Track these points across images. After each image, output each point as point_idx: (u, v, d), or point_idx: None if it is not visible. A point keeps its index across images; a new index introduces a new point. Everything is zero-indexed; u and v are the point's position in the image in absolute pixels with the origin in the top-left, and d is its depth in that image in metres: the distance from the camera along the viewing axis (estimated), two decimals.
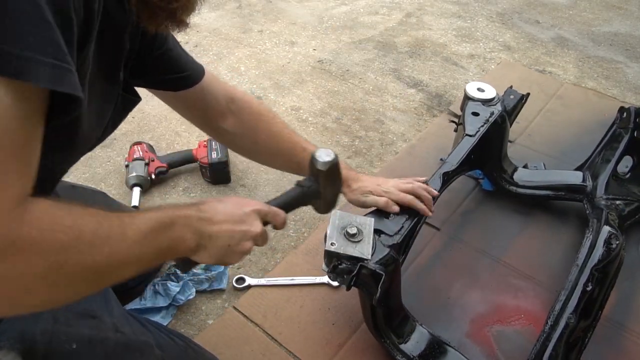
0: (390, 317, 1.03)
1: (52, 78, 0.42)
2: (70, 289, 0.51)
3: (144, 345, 0.83)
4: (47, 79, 0.42)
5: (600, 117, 1.89)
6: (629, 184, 1.41)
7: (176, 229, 0.62)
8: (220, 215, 0.69)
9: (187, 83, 0.95)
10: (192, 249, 0.66)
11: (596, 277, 1.08)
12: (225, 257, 0.71)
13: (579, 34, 2.62)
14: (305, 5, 2.79)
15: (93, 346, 0.76)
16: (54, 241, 0.46)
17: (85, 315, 0.79)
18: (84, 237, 0.49)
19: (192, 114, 1.05)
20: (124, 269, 0.56)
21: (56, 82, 0.43)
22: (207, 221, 0.67)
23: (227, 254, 0.70)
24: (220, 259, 0.71)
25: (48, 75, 0.42)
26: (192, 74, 0.96)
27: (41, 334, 0.72)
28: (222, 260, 0.71)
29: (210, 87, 0.99)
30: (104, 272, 0.53)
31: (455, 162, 1.28)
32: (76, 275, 0.49)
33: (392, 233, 1.01)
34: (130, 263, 0.56)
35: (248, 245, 0.73)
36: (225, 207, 0.71)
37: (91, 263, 0.50)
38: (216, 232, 0.68)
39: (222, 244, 0.69)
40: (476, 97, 1.43)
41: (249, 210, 0.74)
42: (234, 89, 1.06)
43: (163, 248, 0.60)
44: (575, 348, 1.01)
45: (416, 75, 2.21)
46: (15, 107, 0.41)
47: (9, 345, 0.67)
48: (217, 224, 0.68)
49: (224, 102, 1.02)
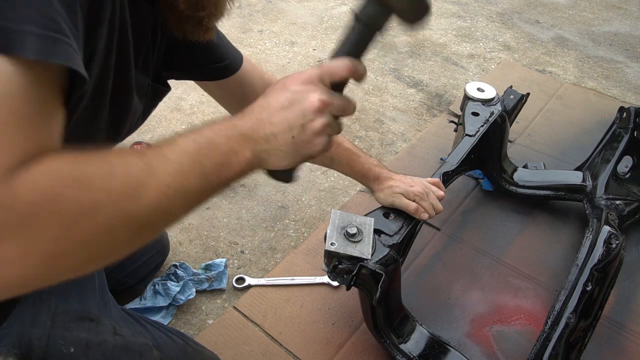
0: (390, 317, 1.03)
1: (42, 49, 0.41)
2: (105, 244, 0.43)
3: (142, 347, 0.83)
4: (36, 50, 0.40)
5: (600, 117, 1.89)
6: (629, 183, 1.41)
7: (218, 144, 0.51)
8: (266, 110, 0.55)
9: (226, 72, 0.92)
10: (251, 161, 0.54)
11: (596, 277, 1.08)
12: (300, 150, 0.56)
13: (579, 34, 2.62)
14: (305, 5, 2.79)
15: (91, 350, 0.75)
16: (60, 199, 0.40)
17: (83, 318, 0.78)
18: (95, 186, 0.42)
19: (230, 103, 1.01)
20: (167, 209, 0.47)
21: (47, 52, 0.41)
22: (254, 124, 0.55)
23: (298, 146, 0.56)
24: (298, 155, 0.57)
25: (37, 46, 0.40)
26: (231, 63, 0.92)
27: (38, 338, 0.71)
28: (302, 155, 0.57)
29: (248, 78, 0.96)
30: (142, 221, 0.45)
31: (455, 162, 1.28)
32: (105, 231, 0.42)
33: (392, 233, 1.02)
34: (174, 200, 0.47)
35: (318, 124, 0.56)
36: (269, 99, 0.56)
37: (118, 215, 0.43)
38: (269, 129, 0.55)
39: (285, 139, 0.55)
40: (476, 97, 1.43)
41: (297, 85, 0.56)
42: (270, 75, 1.02)
43: (210, 169, 0.50)
44: (575, 348, 1.01)
45: (416, 75, 2.21)
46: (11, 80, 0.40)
47: (6, 350, 0.67)
48: (267, 121, 0.55)
49: (261, 90, 1.00)
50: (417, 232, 1.09)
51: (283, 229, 1.45)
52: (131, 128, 0.78)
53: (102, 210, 0.42)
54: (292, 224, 1.47)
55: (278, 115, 0.55)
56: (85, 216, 0.41)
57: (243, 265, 1.34)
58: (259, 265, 1.34)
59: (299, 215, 1.49)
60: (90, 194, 0.41)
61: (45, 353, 0.71)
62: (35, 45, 0.40)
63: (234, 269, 1.32)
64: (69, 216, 0.40)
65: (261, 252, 1.38)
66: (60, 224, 0.40)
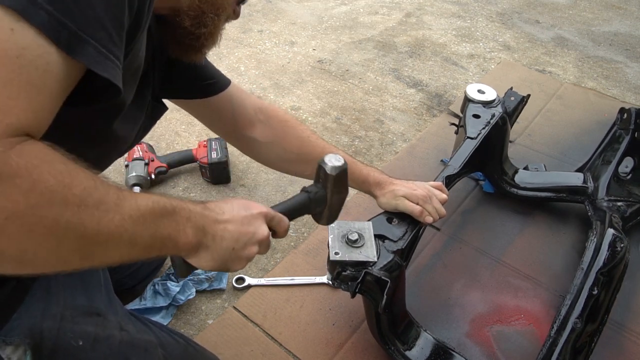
0: (394, 323, 1.02)
1: (95, 60, 0.47)
2: (48, 246, 0.44)
3: (147, 343, 0.84)
4: (90, 60, 0.47)
5: (600, 117, 1.89)
6: (630, 185, 1.41)
7: (178, 219, 0.57)
8: (226, 215, 0.64)
9: (215, 89, 0.96)
10: (193, 246, 0.60)
11: (602, 281, 1.07)
12: (228, 261, 0.65)
13: (578, 33, 2.63)
14: (305, 5, 2.79)
15: (98, 343, 0.77)
16: (40, 181, 0.42)
17: (90, 313, 0.79)
18: (73, 189, 0.44)
19: (220, 122, 1.04)
20: (114, 247, 0.50)
21: (97, 65, 0.48)
22: (212, 219, 0.62)
23: (231, 257, 0.65)
24: (224, 264, 0.65)
25: (92, 56, 0.47)
26: (219, 81, 0.97)
27: (48, 330, 0.72)
28: (225, 265, 0.65)
29: (237, 96, 1.00)
30: (91, 241, 0.47)
31: (457, 165, 1.27)
32: (58, 230, 0.44)
33: (396, 238, 1.00)
34: (122, 241, 0.50)
35: (254, 250, 0.68)
36: (232, 207, 0.66)
37: (77, 223, 0.45)
38: (221, 231, 0.62)
39: (227, 246, 0.63)
40: (477, 99, 1.43)
41: (256, 213, 0.68)
42: (260, 99, 1.07)
43: (160, 236, 0.55)
44: (582, 353, 1.01)
45: (416, 75, 2.21)
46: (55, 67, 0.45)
47: (18, 340, 0.69)
48: (223, 224, 0.63)
49: (252, 111, 1.03)
50: (420, 236, 1.08)
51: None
52: (133, 143, 0.82)
53: (66, 211, 0.44)
54: (292, 224, 1.46)
55: (233, 225, 0.64)
56: (50, 208, 0.42)
57: None
58: (259, 265, 1.34)
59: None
60: (65, 193, 0.43)
61: (55, 345, 0.72)
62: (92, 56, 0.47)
63: None
64: (37, 199, 0.41)
65: None
66: (26, 201, 0.41)
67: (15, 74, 0.42)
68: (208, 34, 0.73)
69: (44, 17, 0.43)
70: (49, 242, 0.44)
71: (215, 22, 0.73)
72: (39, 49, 0.43)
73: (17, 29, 0.42)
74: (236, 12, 0.80)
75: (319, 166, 0.80)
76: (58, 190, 0.43)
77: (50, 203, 0.42)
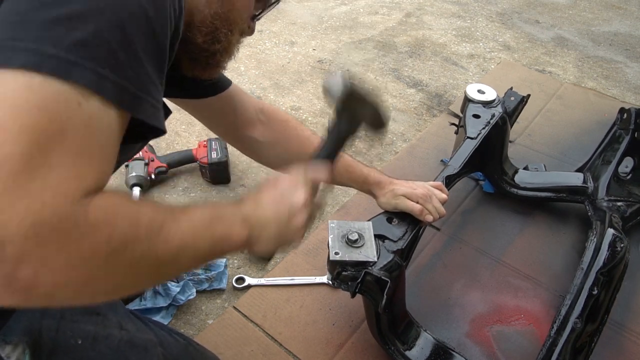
0: (394, 323, 1.02)
1: (151, 114, 0.52)
2: (131, 278, 0.50)
3: (147, 342, 0.84)
4: (148, 115, 0.52)
5: (600, 117, 1.89)
6: (630, 185, 1.41)
7: (225, 221, 0.61)
8: (262, 201, 0.67)
9: (216, 90, 0.96)
10: (245, 240, 0.63)
11: (602, 281, 1.07)
12: (284, 239, 0.68)
13: (578, 34, 2.63)
14: (305, 5, 2.79)
15: (97, 342, 0.77)
16: (116, 226, 0.46)
17: (90, 312, 0.79)
18: (141, 224, 0.49)
19: (220, 123, 1.05)
20: (181, 260, 0.55)
21: (153, 117, 0.53)
22: (250, 209, 0.65)
23: (283, 236, 0.67)
24: (282, 242, 0.68)
25: (148, 111, 0.52)
26: (220, 82, 0.97)
27: (47, 329, 0.72)
28: (284, 242, 0.69)
29: (238, 96, 1.01)
30: (163, 262, 0.52)
31: (457, 165, 1.27)
32: (137, 263, 0.49)
33: (396, 238, 1.00)
34: (187, 255, 0.55)
35: (300, 219, 0.68)
36: (263, 193, 0.68)
37: (149, 251, 0.50)
38: (262, 216, 0.65)
39: (273, 229, 0.66)
40: (477, 99, 1.43)
41: (286, 185, 0.70)
42: (260, 100, 1.07)
43: (217, 238, 0.59)
44: (582, 353, 1.01)
45: (416, 75, 2.21)
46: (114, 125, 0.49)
47: (17, 339, 0.69)
48: (261, 209, 0.66)
49: (253, 111, 1.03)
50: (420, 236, 1.08)
51: None
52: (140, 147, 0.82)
53: (140, 245, 0.49)
54: None
55: (269, 207, 0.66)
56: (129, 247, 0.47)
57: (243, 265, 1.34)
58: (259, 265, 1.34)
59: None
60: (136, 231, 0.48)
61: (55, 344, 0.72)
62: (148, 111, 0.52)
63: (234, 268, 1.32)
64: (117, 244, 0.46)
65: None
66: (108, 248, 0.45)
67: (85, 142, 0.45)
68: (223, 50, 0.73)
69: (110, 86, 0.47)
70: (132, 274, 0.50)
71: (229, 37, 0.72)
72: (104, 115, 0.47)
73: (83, 103, 0.45)
74: (251, 28, 0.80)
75: (324, 94, 0.76)
76: (131, 232, 0.48)
77: (125, 244, 0.47)
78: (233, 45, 0.75)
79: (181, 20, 0.58)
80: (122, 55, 0.47)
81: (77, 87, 0.44)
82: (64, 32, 0.44)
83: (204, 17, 0.68)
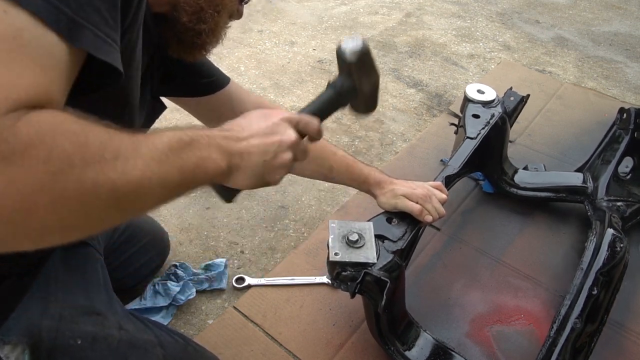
0: (394, 323, 1.02)
1: (95, 46, 0.47)
2: (84, 210, 0.43)
3: (147, 343, 0.84)
4: (92, 46, 0.47)
5: (600, 117, 1.89)
6: (630, 185, 1.41)
7: (200, 147, 0.54)
8: (247, 131, 0.61)
9: (214, 87, 0.96)
10: (223, 170, 0.58)
11: (601, 281, 1.07)
12: (265, 175, 0.62)
13: (578, 34, 2.63)
14: (305, 5, 2.79)
15: (97, 342, 0.77)
16: (56, 146, 0.40)
17: (90, 312, 0.79)
18: (90, 146, 0.43)
19: (219, 121, 1.03)
20: (146, 192, 0.48)
21: (99, 50, 0.48)
22: (233, 139, 0.59)
23: (265, 170, 0.62)
24: (260, 178, 0.62)
25: (92, 42, 0.47)
26: (219, 79, 0.97)
27: (47, 329, 0.72)
28: (263, 179, 0.63)
29: (237, 94, 1.00)
30: (122, 193, 0.45)
31: (457, 165, 1.27)
32: (87, 191, 0.42)
33: (396, 239, 1.00)
34: (152, 185, 0.48)
35: (287, 157, 0.63)
36: (250, 122, 0.63)
37: (102, 179, 0.43)
38: (246, 147, 0.60)
39: (257, 160, 0.60)
40: (476, 99, 1.43)
41: (278, 120, 0.64)
42: (261, 97, 1.07)
43: (188, 169, 0.53)
44: (582, 353, 1.01)
45: (416, 75, 2.21)
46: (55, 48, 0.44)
47: (16, 339, 0.69)
48: (245, 140, 0.60)
49: (250, 106, 1.03)
50: (420, 236, 1.08)
51: (283, 229, 1.45)
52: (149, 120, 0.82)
53: (89, 170, 0.42)
54: (292, 224, 1.47)
55: (256, 138, 0.61)
56: (72, 171, 0.41)
57: (243, 265, 1.34)
58: (259, 265, 1.34)
59: (299, 215, 1.50)
60: (83, 152, 0.42)
61: (54, 344, 0.72)
62: (91, 41, 0.47)
63: (234, 269, 1.32)
64: (57, 165, 0.40)
65: (261, 252, 1.38)
66: (47, 170, 0.40)
67: (14, 53, 0.41)
68: (209, 31, 0.72)
69: (40, 2, 0.42)
70: (83, 204, 0.43)
71: (215, 18, 0.72)
72: (36, 30, 0.43)
73: (10, 12, 0.41)
74: (239, 11, 0.80)
75: (337, 54, 0.72)
76: (75, 152, 0.41)
77: (70, 166, 0.41)
78: (220, 27, 0.75)
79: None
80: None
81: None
82: None
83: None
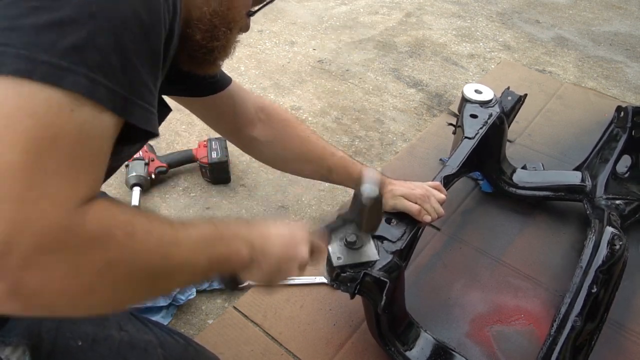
0: (394, 324, 1.02)
1: (143, 119, 0.51)
2: (128, 290, 0.50)
3: (147, 343, 0.84)
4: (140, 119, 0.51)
5: (600, 117, 1.89)
6: (628, 183, 1.41)
7: (230, 242, 0.62)
8: (272, 230, 0.68)
9: (216, 88, 0.96)
10: (245, 262, 0.64)
11: (601, 279, 1.07)
12: (274, 275, 0.68)
13: (579, 33, 2.63)
14: (305, 5, 2.79)
15: (97, 343, 0.77)
16: (112, 236, 0.46)
17: None
18: (137, 234, 0.49)
19: (221, 121, 1.05)
20: (178, 275, 0.55)
21: (145, 122, 0.52)
22: (258, 234, 0.66)
23: (277, 271, 0.68)
24: (270, 277, 0.68)
25: (141, 116, 0.51)
26: (221, 80, 0.97)
27: (47, 331, 0.73)
28: (270, 279, 0.69)
29: (239, 94, 1.01)
30: (159, 275, 0.52)
31: (455, 165, 1.27)
32: (133, 274, 0.49)
33: (395, 239, 1.00)
34: (184, 270, 0.55)
35: (294, 270, 0.71)
36: (277, 227, 0.70)
37: (146, 263, 0.50)
38: (269, 246, 0.66)
39: (274, 261, 0.67)
40: (474, 99, 1.43)
41: (302, 236, 0.72)
42: (261, 98, 1.08)
43: (216, 259, 0.59)
44: (582, 351, 1.01)
45: (416, 75, 2.21)
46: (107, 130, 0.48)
47: (17, 341, 0.69)
48: (270, 238, 0.67)
49: (253, 110, 1.03)
50: (419, 236, 1.08)
51: None
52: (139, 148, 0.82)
53: (138, 258, 0.49)
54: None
55: (281, 241, 0.68)
56: (125, 259, 0.47)
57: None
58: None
59: (299, 215, 1.50)
60: (133, 242, 0.48)
61: (54, 345, 0.73)
62: (140, 116, 0.51)
63: None
64: (114, 255, 0.46)
65: None
66: (106, 260, 0.45)
67: (79, 149, 0.45)
68: (221, 47, 0.73)
69: (102, 92, 0.46)
70: (129, 288, 0.49)
71: (227, 35, 0.72)
72: (97, 121, 0.46)
73: (76, 109, 0.44)
74: (247, 24, 0.80)
75: (355, 193, 0.83)
76: (127, 244, 0.47)
77: (123, 255, 0.47)
78: (231, 43, 0.76)
79: (176, 22, 0.57)
80: (115, 60, 0.46)
81: (70, 93, 0.44)
82: (56, 37, 0.43)
83: (202, 14, 0.68)
